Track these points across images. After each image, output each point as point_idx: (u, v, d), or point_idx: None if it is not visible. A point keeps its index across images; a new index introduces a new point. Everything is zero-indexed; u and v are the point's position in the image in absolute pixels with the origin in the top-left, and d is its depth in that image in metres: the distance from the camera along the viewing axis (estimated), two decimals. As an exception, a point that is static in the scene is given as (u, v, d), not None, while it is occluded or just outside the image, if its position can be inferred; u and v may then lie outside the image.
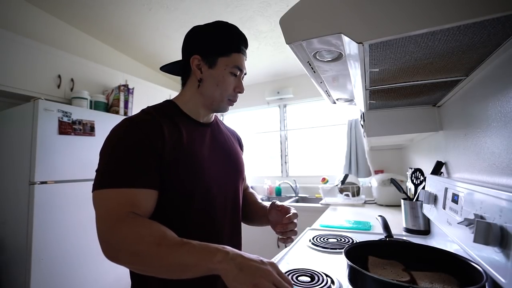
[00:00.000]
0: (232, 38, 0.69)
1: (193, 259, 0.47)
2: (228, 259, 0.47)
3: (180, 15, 2.07)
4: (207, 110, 0.74)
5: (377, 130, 1.16)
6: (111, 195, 0.54)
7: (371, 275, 0.55)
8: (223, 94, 0.70)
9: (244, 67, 0.72)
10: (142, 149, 0.58)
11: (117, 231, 0.50)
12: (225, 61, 0.68)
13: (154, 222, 0.53)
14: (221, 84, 0.69)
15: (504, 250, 0.48)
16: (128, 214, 0.53)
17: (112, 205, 0.53)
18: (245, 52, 0.72)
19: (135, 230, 0.50)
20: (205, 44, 0.69)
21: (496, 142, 0.63)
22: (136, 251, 0.49)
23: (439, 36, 0.46)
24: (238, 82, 0.71)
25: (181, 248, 0.48)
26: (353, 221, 1.51)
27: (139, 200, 0.55)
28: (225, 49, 0.68)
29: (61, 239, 1.47)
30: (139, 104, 2.36)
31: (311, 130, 3.12)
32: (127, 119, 0.62)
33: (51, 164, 1.48)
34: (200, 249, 0.48)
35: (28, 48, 1.72)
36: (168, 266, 0.48)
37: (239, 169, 0.80)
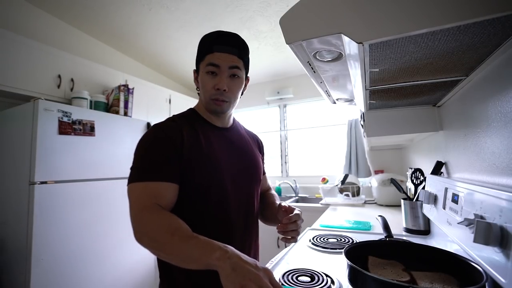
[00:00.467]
0: (205, 42, 0.75)
1: (197, 252, 0.52)
2: (225, 257, 0.49)
3: (180, 15, 2.07)
4: (210, 113, 0.79)
5: (377, 130, 1.16)
6: (139, 187, 0.64)
7: (371, 275, 0.55)
8: (206, 94, 0.75)
9: (222, 63, 0.71)
10: (164, 148, 0.67)
11: (142, 218, 0.60)
12: (202, 65, 0.74)
13: (173, 215, 0.60)
14: (203, 86, 0.75)
15: (504, 250, 0.48)
16: (153, 205, 0.61)
17: (139, 196, 0.63)
18: (224, 48, 0.71)
19: (155, 220, 0.58)
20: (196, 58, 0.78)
21: (496, 142, 0.63)
22: (154, 237, 0.57)
23: (439, 36, 0.46)
24: (218, 80, 0.72)
25: (189, 241, 0.54)
26: (353, 221, 1.51)
27: (161, 192, 0.64)
28: (200, 55, 0.75)
29: (61, 239, 1.47)
30: (139, 104, 2.36)
31: (311, 130, 3.12)
32: (154, 125, 0.74)
33: (51, 164, 1.48)
34: (204, 244, 0.53)
35: (28, 48, 1.72)
36: (176, 255, 0.55)
37: (255, 172, 0.83)
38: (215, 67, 0.72)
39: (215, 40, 0.73)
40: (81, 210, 1.59)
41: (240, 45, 0.75)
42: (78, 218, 1.57)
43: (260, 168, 0.87)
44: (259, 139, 0.98)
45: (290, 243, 0.78)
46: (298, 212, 0.77)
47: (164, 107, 2.71)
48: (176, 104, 2.84)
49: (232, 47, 0.73)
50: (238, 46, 0.74)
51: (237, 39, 0.75)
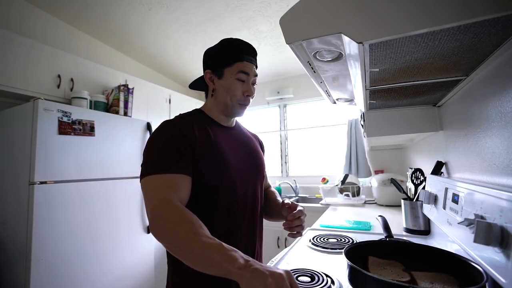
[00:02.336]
0: (234, 49, 0.78)
1: (219, 257, 0.51)
2: (247, 266, 0.48)
3: (180, 15, 2.07)
4: (225, 116, 0.83)
5: (377, 130, 1.16)
6: (156, 179, 0.64)
7: (371, 275, 0.55)
8: (233, 99, 0.78)
9: (251, 71, 0.78)
10: (178, 142, 0.69)
11: (162, 210, 0.59)
12: (230, 71, 0.77)
13: (194, 214, 0.60)
14: (230, 90, 0.78)
15: (505, 250, 0.48)
16: (173, 198, 0.61)
17: (158, 188, 0.63)
18: (250, 59, 0.79)
19: (178, 215, 0.58)
20: (213, 60, 0.80)
21: (497, 142, 0.63)
22: (174, 233, 0.56)
23: (439, 36, 0.46)
24: (247, 87, 0.79)
25: (212, 244, 0.53)
26: (353, 221, 1.51)
27: (178, 184, 0.65)
28: (228, 60, 0.77)
29: (61, 239, 1.47)
30: (139, 104, 2.36)
31: (311, 130, 3.12)
32: (165, 121, 0.74)
33: (51, 164, 1.48)
34: (228, 250, 0.52)
35: (28, 48, 1.72)
36: (196, 255, 0.53)
37: (260, 168, 0.87)
38: (246, 75, 0.77)
39: (244, 50, 0.78)
40: (81, 210, 1.58)
41: (256, 56, 0.83)
42: (78, 218, 1.57)
43: (264, 165, 0.91)
44: (259, 139, 1.01)
45: (296, 237, 0.82)
46: (301, 208, 0.82)
47: (164, 107, 2.71)
48: (176, 104, 2.84)
49: (255, 58, 0.81)
50: (256, 57, 0.82)
51: (256, 51, 0.82)
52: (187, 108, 3.45)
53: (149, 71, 3.02)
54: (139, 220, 1.95)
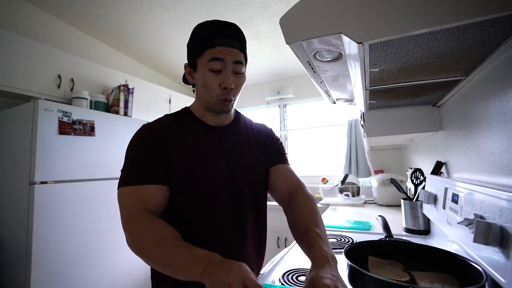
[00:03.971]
0: (203, 35, 0.66)
1: (181, 265, 0.49)
2: (207, 271, 0.45)
3: (180, 15, 2.07)
4: (210, 112, 0.73)
5: (377, 130, 1.16)
6: (126, 192, 0.62)
7: (371, 275, 0.55)
8: (211, 94, 0.67)
9: (227, 57, 0.64)
10: (150, 151, 0.65)
11: (130, 226, 0.58)
12: (201, 61, 0.66)
13: (160, 222, 0.58)
14: (204, 84, 0.67)
15: (504, 250, 0.48)
16: (140, 210, 0.59)
17: (127, 201, 0.61)
18: (225, 42, 0.64)
19: (141, 227, 0.56)
20: (188, 51, 0.71)
21: (496, 142, 0.63)
22: (141, 246, 0.55)
23: (439, 36, 0.46)
24: (223, 77, 0.65)
25: (174, 251, 0.51)
26: (353, 221, 1.51)
27: (149, 195, 0.62)
28: (198, 49, 0.66)
29: (61, 239, 1.47)
30: (139, 104, 2.36)
31: (311, 130, 3.12)
32: (142, 126, 0.70)
33: (51, 164, 1.48)
34: (189, 257, 0.49)
35: (28, 48, 1.72)
36: (163, 265, 0.52)
37: (252, 174, 0.75)
38: (220, 62, 0.64)
39: (215, 32, 0.64)
40: (81, 210, 1.59)
41: (241, 36, 0.68)
42: (78, 218, 1.57)
43: (260, 169, 0.78)
44: (268, 129, 0.87)
45: None
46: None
47: (164, 107, 2.71)
48: (176, 104, 2.84)
49: (233, 39, 0.65)
50: (239, 38, 0.67)
51: (236, 30, 0.67)
52: (187, 108, 3.39)
53: (149, 71, 3.02)
54: (139, 220, 1.95)
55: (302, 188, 0.78)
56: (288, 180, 0.80)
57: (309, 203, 0.72)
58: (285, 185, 0.79)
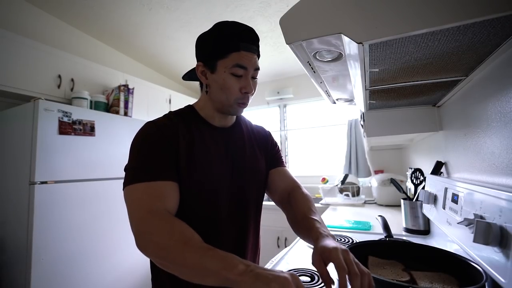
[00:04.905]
0: (229, 37, 0.64)
1: (215, 265, 0.46)
2: (248, 271, 0.44)
3: (180, 15, 2.07)
4: (220, 113, 0.73)
5: (377, 130, 1.16)
6: (140, 188, 0.58)
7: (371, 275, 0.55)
8: (229, 97, 0.67)
9: (250, 64, 0.65)
10: (162, 148, 0.63)
11: (149, 222, 0.54)
12: (223, 63, 0.65)
13: (183, 223, 0.55)
14: (224, 87, 0.66)
15: (504, 250, 0.48)
16: (159, 208, 0.56)
17: (143, 198, 0.57)
18: (249, 47, 0.65)
19: (165, 225, 0.53)
20: (205, 50, 0.68)
21: (496, 142, 0.63)
22: (164, 245, 0.50)
23: (439, 36, 0.46)
24: (244, 82, 0.66)
25: (206, 252, 0.48)
26: (353, 221, 1.51)
27: (165, 192, 0.59)
28: (222, 50, 0.65)
29: (61, 239, 1.47)
30: (139, 104, 2.36)
31: (311, 130, 3.12)
32: (149, 122, 0.68)
33: (51, 164, 1.48)
34: (224, 257, 0.47)
35: (29, 48, 1.72)
36: (190, 267, 0.48)
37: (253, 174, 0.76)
38: (243, 69, 0.65)
39: (242, 36, 0.64)
40: (81, 210, 1.59)
41: (258, 42, 0.69)
42: (78, 218, 1.57)
43: (260, 169, 0.79)
44: (267, 132, 0.90)
45: None
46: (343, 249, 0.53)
47: (164, 107, 2.71)
48: (176, 104, 2.84)
49: (256, 45, 0.67)
50: (258, 44, 0.68)
51: (257, 36, 0.68)
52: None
53: (149, 71, 3.02)
54: (139, 220, 1.95)
55: (299, 188, 0.83)
56: (287, 181, 0.83)
57: (307, 200, 0.76)
58: (284, 186, 0.82)
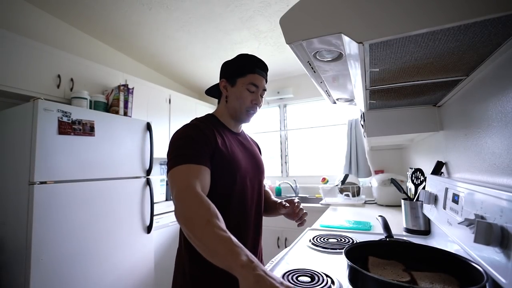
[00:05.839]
0: (248, 62, 0.88)
1: (223, 250, 0.52)
2: (250, 267, 0.48)
3: (180, 15, 2.07)
4: (234, 120, 0.92)
5: (377, 130, 1.16)
6: (183, 169, 0.70)
7: (371, 275, 0.55)
8: (242, 106, 0.88)
9: (260, 84, 0.88)
10: (202, 141, 0.77)
11: (185, 196, 0.64)
12: (242, 81, 0.87)
13: (212, 203, 0.63)
14: (240, 98, 0.87)
15: (505, 250, 0.48)
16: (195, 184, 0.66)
17: (183, 175, 0.69)
18: (261, 73, 0.88)
19: (196, 200, 0.62)
20: (229, 70, 0.90)
21: (497, 142, 0.63)
22: (190, 217, 0.60)
23: (440, 36, 0.46)
24: (255, 96, 0.88)
25: (220, 235, 0.54)
26: (353, 221, 1.51)
27: (202, 173, 0.72)
28: (241, 71, 0.87)
29: (60, 239, 1.47)
30: (139, 104, 2.36)
31: (311, 130, 3.12)
32: (189, 123, 0.83)
33: (51, 164, 1.47)
34: (234, 245, 0.52)
35: (28, 48, 1.72)
36: (204, 243, 0.55)
37: (262, 169, 0.97)
38: (255, 87, 0.87)
39: (256, 64, 0.88)
40: (80, 210, 1.58)
41: (267, 71, 0.93)
42: (78, 218, 1.57)
43: (264, 168, 1.01)
44: (258, 144, 1.12)
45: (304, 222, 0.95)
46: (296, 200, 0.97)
47: (164, 107, 2.71)
48: (176, 104, 2.84)
49: (265, 73, 0.91)
50: (267, 73, 0.92)
51: (267, 67, 0.93)
52: (187, 108, 3.41)
53: (149, 71, 3.02)
54: (139, 220, 1.95)
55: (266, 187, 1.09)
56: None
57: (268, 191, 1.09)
58: None
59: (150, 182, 2.06)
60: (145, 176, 2.04)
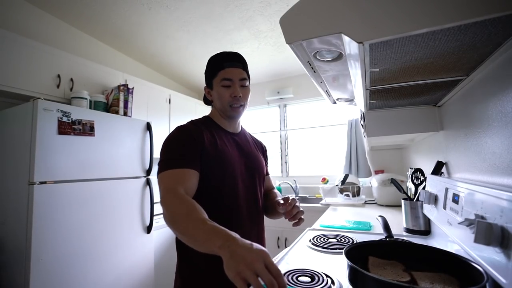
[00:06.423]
0: (215, 62, 0.89)
1: (203, 237, 0.56)
2: (225, 245, 0.50)
3: (180, 15, 2.07)
4: (226, 120, 0.94)
5: (377, 130, 1.16)
6: (167, 174, 0.74)
7: (372, 275, 0.55)
8: (224, 103, 0.88)
9: (234, 76, 0.87)
10: (189, 143, 0.80)
11: (166, 200, 0.68)
12: (216, 81, 0.88)
13: (192, 200, 0.68)
14: (220, 97, 0.88)
15: (505, 251, 0.47)
16: (177, 188, 0.70)
17: (168, 180, 0.73)
18: (233, 64, 0.87)
19: (176, 201, 0.67)
20: (206, 77, 0.94)
21: (497, 142, 0.63)
22: (173, 215, 0.64)
23: (440, 36, 0.46)
24: (232, 89, 0.87)
25: (200, 225, 0.58)
26: (353, 221, 1.51)
27: (186, 177, 0.74)
28: (212, 72, 0.89)
29: (60, 239, 1.47)
30: (139, 104, 2.36)
31: (311, 130, 3.12)
32: (179, 126, 0.85)
33: (51, 164, 1.47)
34: (211, 230, 0.56)
35: (28, 48, 1.72)
36: (189, 235, 0.60)
37: (259, 172, 0.96)
38: (229, 81, 0.86)
39: (224, 59, 0.88)
40: (81, 210, 1.58)
41: (243, 60, 0.91)
42: (78, 218, 1.56)
43: (263, 169, 0.99)
44: (264, 145, 1.11)
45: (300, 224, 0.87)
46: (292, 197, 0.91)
47: (164, 107, 2.71)
48: (176, 104, 2.84)
49: (238, 62, 0.89)
50: (242, 62, 0.91)
51: (239, 56, 0.91)
52: (187, 108, 3.41)
53: (149, 71, 3.02)
54: (139, 220, 1.95)
55: (274, 189, 1.11)
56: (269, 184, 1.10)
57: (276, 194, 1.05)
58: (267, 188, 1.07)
59: (150, 182, 2.06)
60: (145, 176, 2.04)
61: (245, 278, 0.45)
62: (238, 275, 0.45)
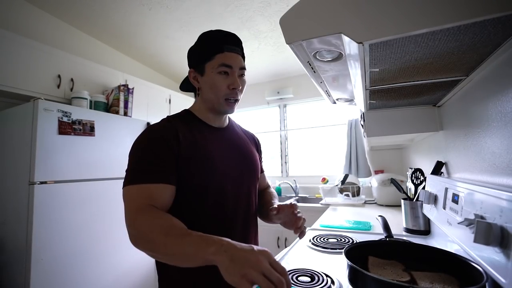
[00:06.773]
0: (212, 41, 0.73)
1: (192, 249, 0.50)
2: (221, 250, 0.47)
3: (180, 15, 2.07)
4: (214, 113, 0.79)
5: (377, 130, 1.16)
6: (133, 190, 0.63)
7: (371, 275, 0.55)
8: (218, 95, 0.73)
9: (235, 63, 0.73)
10: (159, 148, 0.66)
11: (136, 220, 0.58)
12: (210, 65, 0.72)
13: (167, 214, 0.60)
14: (213, 86, 0.73)
15: (505, 250, 0.48)
16: (147, 206, 0.60)
17: (134, 198, 0.62)
18: (233, 49, 0.73)
19: (149, 221, 0.57)
20: (194, 57, 0.77)
21: (497, 142, 0.63)
22: (149, 239, 0.55)
23: (439, 36, 0.46)
24: (231, 79, 0.72)
25: (184, 238, 0.52)
26: (353, 221, 1.51)
27: (156, 194, 0.63)
28: (208, 54, 0.73)
29: (60, 239, 1.47)
30: (139, 104, 2.36)
31: (311, 130, 3.12)
32: (148, 126, 0.74)
33: (51, 164, 1.48)
34: (199, 240, 0.51)
35: (28, 48, 1.72)
36: (172, 255, 0.53)
37: (253, 169, 0.83)
38: (229, 68, 0.72)
39: (225, 40, 0.73)
40: (81, 210, 1.58)
41: (241, 45, 0.77)
42: (78, 218, 1.57)
43: (258, 166, 0.87)
44: (256, 138, 0.98)
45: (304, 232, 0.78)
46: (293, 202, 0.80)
47: (164, 107, 2.71)
48: (176, 104, 2.84)
49: (238, 47, 0.75)
50: (241, 47, 0.77)
51: (239, 39, 0.77)
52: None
53: (149, 71, 3.02)
54: (139, 220, 1.95)
55: (269, 187, 1.01)
56: (264, 183, 1.00)
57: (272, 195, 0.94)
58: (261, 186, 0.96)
59: (150, 182, 2.06)
60: (145, 176, 2.04)
61: (252, 280, 0.43)
62: (243, 277, 0.43)
